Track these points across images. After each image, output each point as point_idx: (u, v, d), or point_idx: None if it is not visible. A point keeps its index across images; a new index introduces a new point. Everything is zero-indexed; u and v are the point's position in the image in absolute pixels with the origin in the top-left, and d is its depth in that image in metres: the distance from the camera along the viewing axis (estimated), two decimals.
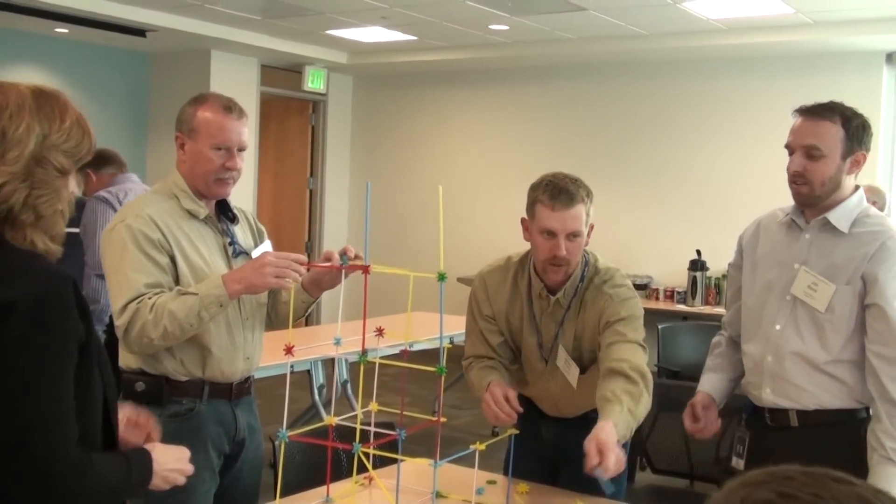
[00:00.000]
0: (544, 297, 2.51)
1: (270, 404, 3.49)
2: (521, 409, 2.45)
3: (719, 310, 6.85)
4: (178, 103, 2.49)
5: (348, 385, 4.85)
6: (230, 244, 2.45)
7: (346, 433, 2.35)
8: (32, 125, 1.47)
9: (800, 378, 2.32)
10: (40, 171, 1.47)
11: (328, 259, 2.33)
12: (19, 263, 1.44)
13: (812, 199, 2.33)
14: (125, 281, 2.25)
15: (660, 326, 5.29)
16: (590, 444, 2.12)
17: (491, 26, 6.90)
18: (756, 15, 6.16)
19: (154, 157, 8.21)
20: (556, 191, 2.37)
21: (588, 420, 2.51)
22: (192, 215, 2.39)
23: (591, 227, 2.46)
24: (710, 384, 2.56)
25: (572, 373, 2.52)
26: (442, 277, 2.02)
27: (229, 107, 2.39)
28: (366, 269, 2.09)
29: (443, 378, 2.14)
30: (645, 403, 2.31)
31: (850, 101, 2.39)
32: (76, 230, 4.26)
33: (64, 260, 1.55)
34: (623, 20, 6.47)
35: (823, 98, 2.39)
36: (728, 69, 7.30)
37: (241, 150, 2.41)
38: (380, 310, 4.71)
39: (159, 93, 8.16)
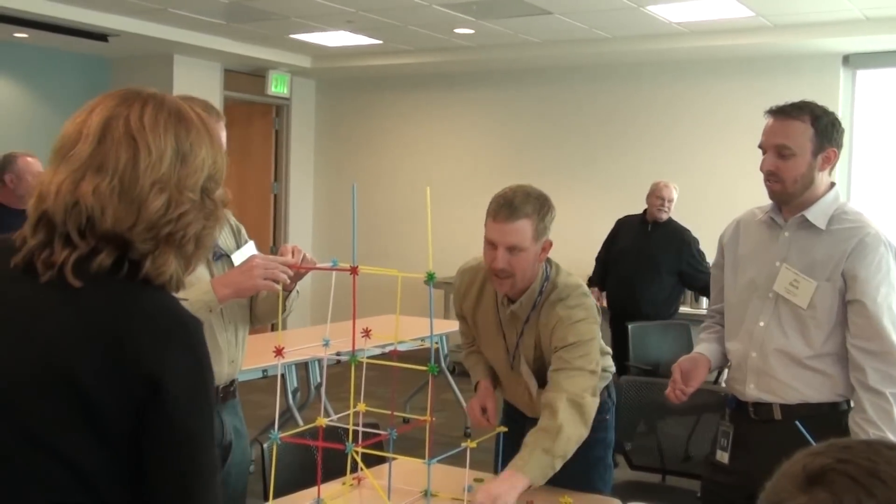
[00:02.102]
0: (505, 305, 2.52)
1: (243, 409, 3.48)
2: (494, 423, 2.53)
3: (685, 309, 6.95)
4: None
5: (322, 388, 4.84)
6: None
7: (330, 434, 2.35)
8: (207, 153, 1.32)
9: (783, 373, 2.37)
10: (209, 202, 1.32)
11: (288, 253, 2.35)
12: (164, 313, 1.25)
13: (785, 196, 2.38)
14: None
15: (630, 326, 5.36)
16: (480, 494, 2.15)
17: (456, 30, 6.93)
18: (717, 18, 6.27)
19: None
20: (501, 202, 2.35)
21: None
22: None
23: (548, 243, 2.42)
24: (704, 348, 2.57)
25: (532, 385, 2.54)
26: (431, 277, 2.04)
27: (207, 109, 2.34)
28: (354, 271, 2.10)
29: (432, 378, 2.16)
30: (567, 436, 2.26)
31: None
32: None
33: None
34: (587, 23, 6.54)
35: (782, 99, 2.42)
36: (690, 72, 7.41)
37: None
38: (347, 313, 4.69)
39: None
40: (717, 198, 7.06)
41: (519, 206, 2.33)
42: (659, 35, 6.83)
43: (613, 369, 2.74)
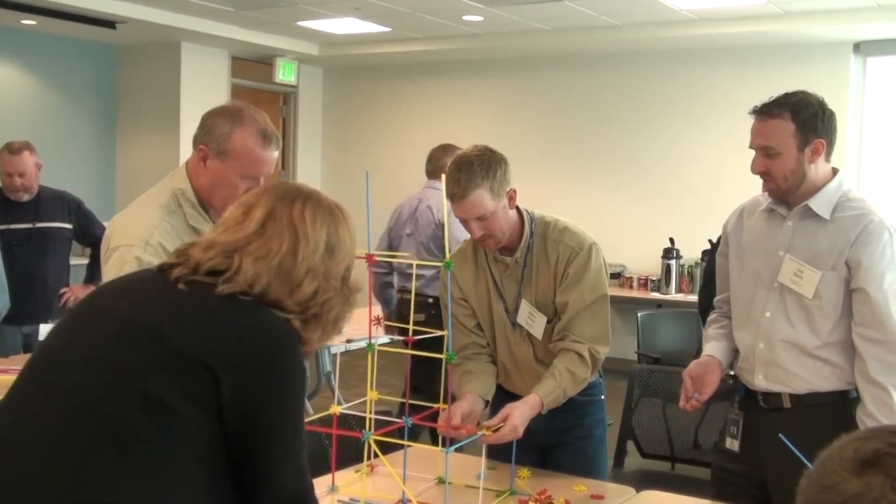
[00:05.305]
0: (500, 261, 2.56)
1: None
2: (457, 424, 2.37)
3: (693, 297, 6.92)
4: (148, 96, 2.41)
5: (332, 376, 4.86)
6: None
7: (342, 422, 2.35)
8: (350, 245, 1.53)
9: (792, 364, 2.35)
10: (346, 289, 1.52)
11: None
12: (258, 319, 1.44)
13: (781, 193, 2.37)
14: None
15: (639, 315, 5.35)
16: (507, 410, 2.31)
17: (465, 17, 6.91)
18: (727, 5, 6.25)
19: (123, 152, 8.12)
20: (451, 183, 2.39)
21: (574, 403, 2.55)
22: (197, 232, 2.26)
23: (512, 191, 2.46)
24: (713, 348, 2.53)
25: (537, 324, 2.54)
26: (448, 266, 2.04)
27: (268, 136, 2.28)
28: (370, 258, 2.09)
29: (444, 364, 2.16)
30: (583, 384, 2.47)
31: (818, 91, 2.40)
32: None
33: None
34: (597, 11, 6.51)
35: (792, 87, 2.40)
36: (700, 59, 7.38)
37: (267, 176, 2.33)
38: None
39: (128, 85, 8.06)
40: (726, 185, 7.04)
41: (466, 183, 2.37)
42: (669, 22, 6.80)
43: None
